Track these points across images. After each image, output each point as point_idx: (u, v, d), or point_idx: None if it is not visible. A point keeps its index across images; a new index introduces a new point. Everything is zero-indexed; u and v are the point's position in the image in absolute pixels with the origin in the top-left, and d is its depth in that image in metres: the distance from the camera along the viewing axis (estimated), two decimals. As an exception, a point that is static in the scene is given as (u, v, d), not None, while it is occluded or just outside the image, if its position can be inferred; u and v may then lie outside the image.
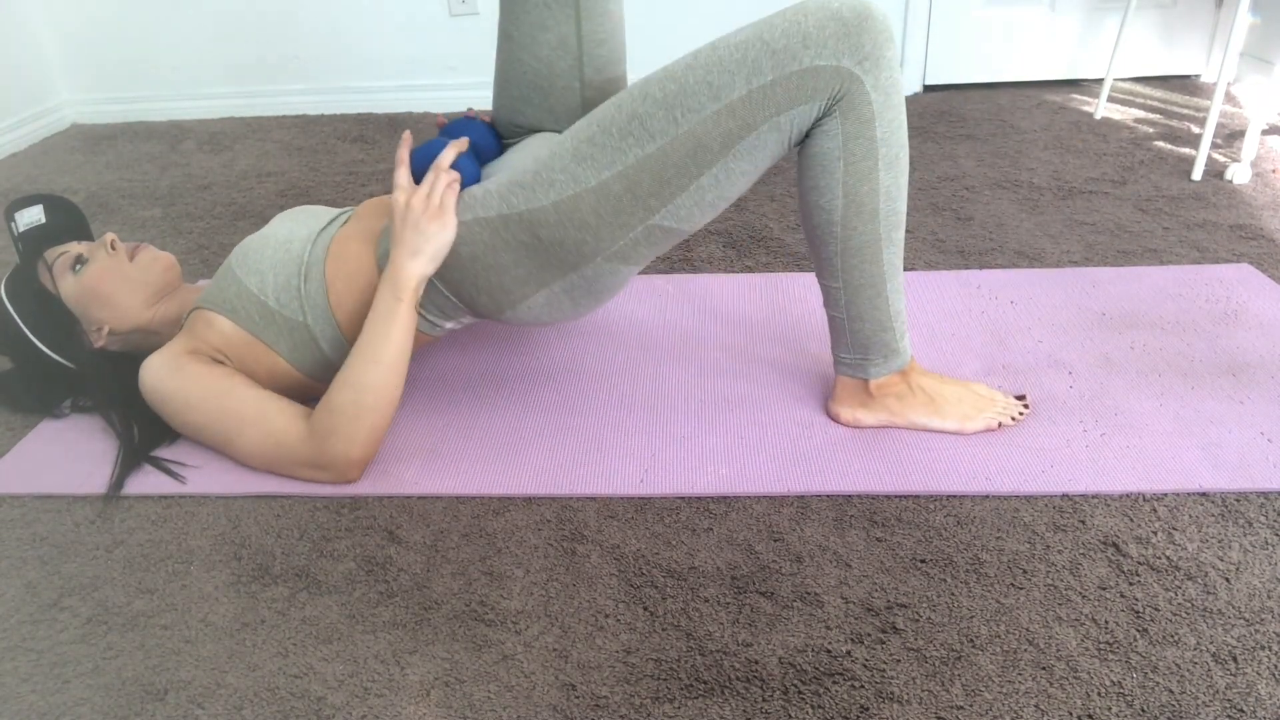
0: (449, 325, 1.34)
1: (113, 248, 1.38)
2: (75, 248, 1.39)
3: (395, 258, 1.21)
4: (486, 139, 1.34)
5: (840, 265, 1.22)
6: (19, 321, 1.36)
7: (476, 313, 1.31)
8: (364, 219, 1.35)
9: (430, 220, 1.19)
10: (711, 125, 1.12)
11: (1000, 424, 1.30)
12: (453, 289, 1.27)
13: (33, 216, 1.41)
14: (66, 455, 1.38)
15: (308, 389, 1.36)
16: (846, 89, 1.12)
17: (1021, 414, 1.31)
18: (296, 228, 1.36)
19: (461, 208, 1.22)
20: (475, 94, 2.99)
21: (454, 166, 1.24)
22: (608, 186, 1.16)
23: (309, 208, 1.44)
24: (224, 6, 2.94)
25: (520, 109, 1.37)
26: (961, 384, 1.32)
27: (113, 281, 1.37)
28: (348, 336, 1.31)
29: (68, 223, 1.46)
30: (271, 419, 1.25)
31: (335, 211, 1.41)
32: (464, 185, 1.24)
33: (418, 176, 1.24)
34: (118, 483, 1.29)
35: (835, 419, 1.34)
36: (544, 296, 1.25)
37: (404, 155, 1.24)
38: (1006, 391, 1.38)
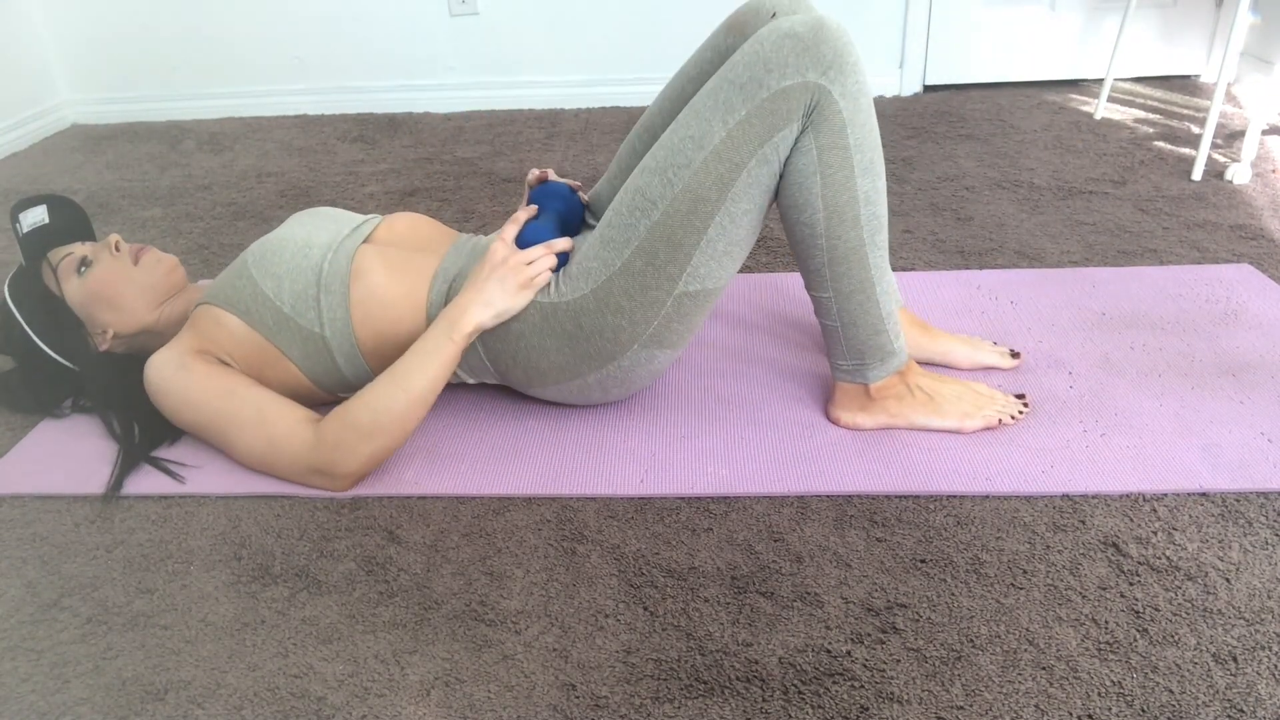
0: (470, 381, 1.36)
1: (116, 249, 1.38)
2: (79, 249, 1.39)
3: (465, 300, 1.23)
4: (576, 212, 1.37)
5: (829, 275, 1.23)
6: (22, 323, 1.36)
7: (505, 380, 1.34)
8: (398, 245, 1.35)
9: (517, 286, 1.23)
10: (703, 175, 1.15)
11: (1000, 421, 1.30)
12: (491, 356, 1.30)
13: (37, 217, 1.41)
14: (66, 455, 1.38)
15: (316, 396, 1.36)
16: (817, 101, 1.13)
17: (1021, 412, 1.31)
18: (315, 232, 1.34)
19: None
20: (475, 94, 2.99)
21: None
22: (630, 264, 1.19)
23: (327, 210, 1.42)
24: (224, 7, 2.94)
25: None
26: (960, 383, 1.32)
27: (117, 284, 1.37)
28: (368, 358, 1.31)
29: (71, 223, 1.45)
30: (274, 422, 1.24)
31: (356, 219, 1.39)
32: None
33: (520, 244, 1.28)
34: (117, 483, 1.29)
35: (835, 424, 1.34)
36: (576, 385, 1.30)
37: (521, 217, 1.28)
38: (1006, 391, 1.38)
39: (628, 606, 1.06)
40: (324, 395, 1.36)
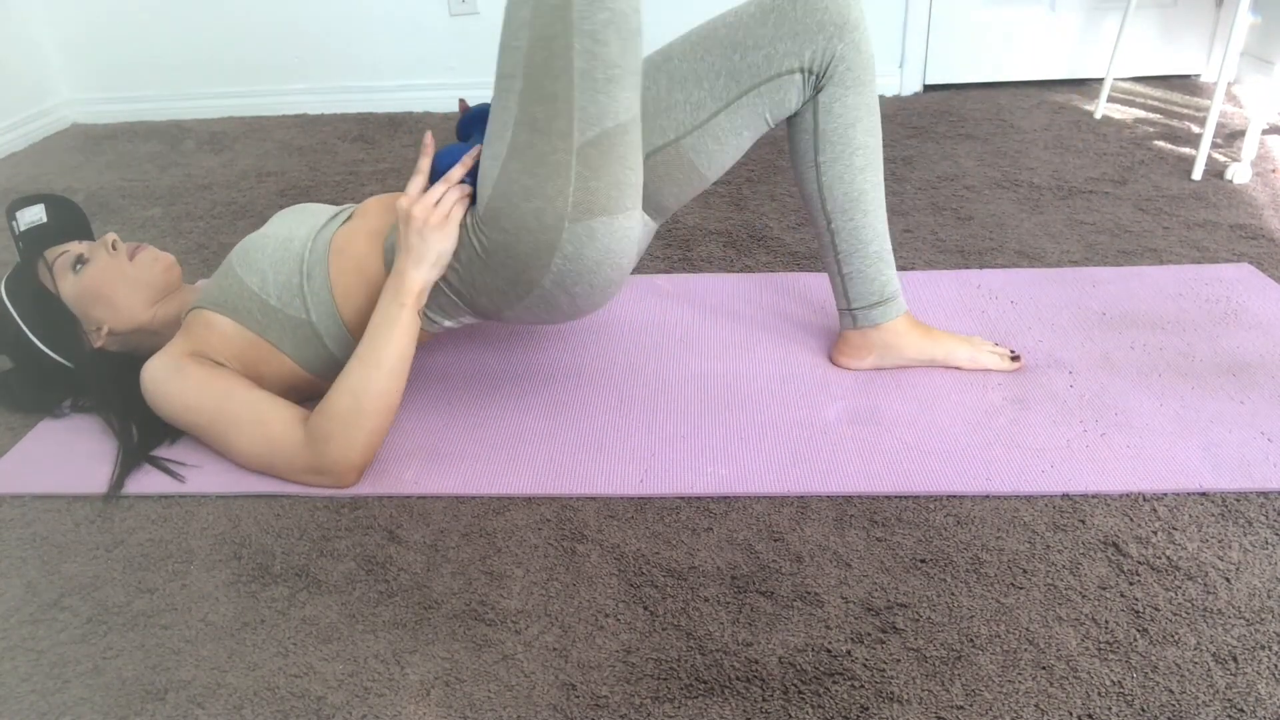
0: (448, 324, 1.35)
1: (113, 248, 1.38)
2: (75, 248, 1.39)
3: (399, 264, 1.22)
4: None
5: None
6: (19, 321, 1.36)
7: (478, 312, 1.31)
8: (368, 217, 1.35)
9: (434, 229, 1.20)
10: (538, 18, 1.10)
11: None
12: (454, 290, 1.28)
13: (34, 216, 1.41)
14: (66, 455, 1.38)
15: (314, 386, 1.36)
16: None
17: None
18: (296, 226, 1.36)
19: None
20: (475, 94, 2.99)
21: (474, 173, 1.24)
22: (515, 143, 1.15)
23: (308, 205, 1.44)
24: (224, 6, 2.94)
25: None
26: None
27: (112, 281, 1.37)
28: (355, 335, 1.31)
29: (69, 222, 1.46)
30: (269, 423, 1.24)
31: (334, 209, 1.41)
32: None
33: (439, 170, 1.25)
34: (118, 483, 1.29)
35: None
36: (539, 296, 1.25)
37: (424, 165, 1.24)
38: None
39: (628, 606, 1.06)
40: (322, 384, 1.36)
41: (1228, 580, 1.05)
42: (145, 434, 1.36)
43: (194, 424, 1.28)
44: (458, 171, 1.23)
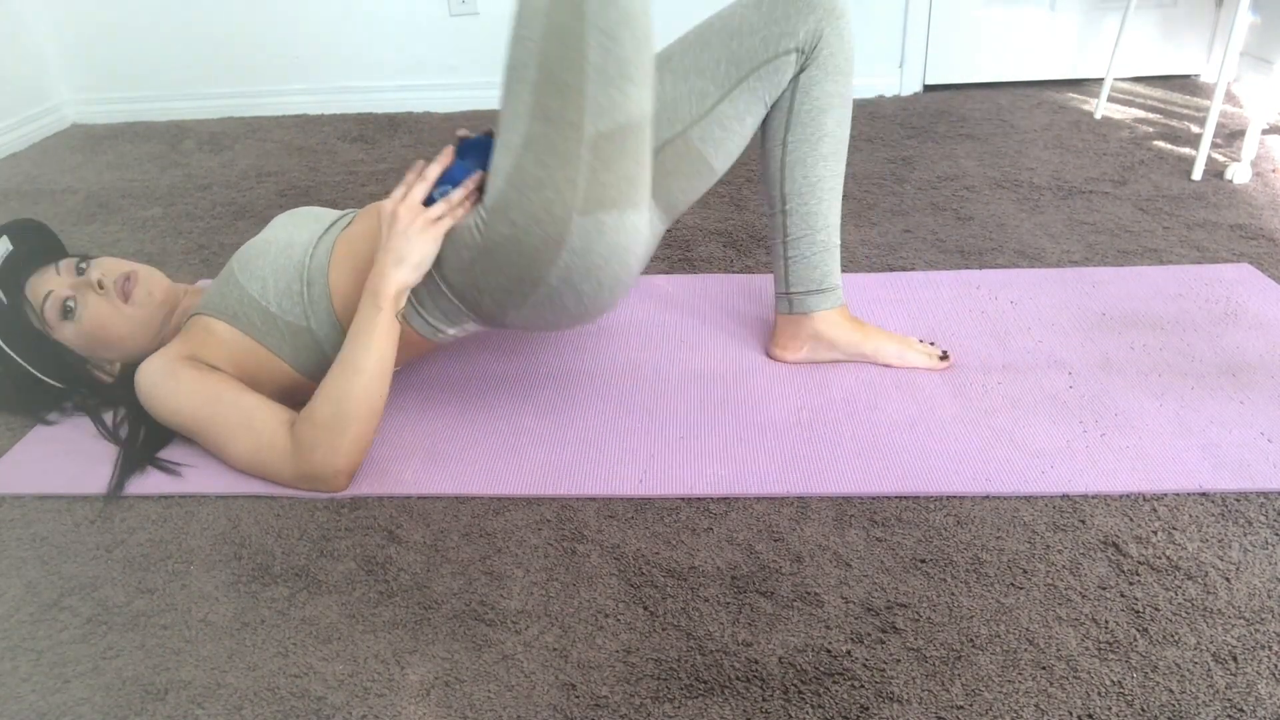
0: (452, 331, 1.33)
1: (100, 287, 1.34)
2: (58, 289, 1.34)
3: (379, 264, 1.21)
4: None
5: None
6: (23, 364, 1.34)
7: (480, 317, 1.30)
8: (369, 221, 1.34)
9: (418, 231, 1.19)
10: (553, 10, 1.10)
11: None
12: (457, 293, 1.26)
13: (1, 249, 1.37)
14: (66, 455, 1.38)
15: (312, 392, 1.36)
16: None
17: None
18: (297, 232, 1.35)
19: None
20: (475, 94, 2.99)
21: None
22: (530, 134, 1.14)
23: (309, 209, 1.43)
24: (224, 6, 2.94)
25: None
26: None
27: (115, 326, 1.35)
28: None
29: (37, 243, 1.42)
30: (259, 430, 1.24)
31: (335, 214, 1.40)
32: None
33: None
34: (120, 483, 1.29)
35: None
36: (544, 294, 1.23)
37: (411, 179, 1.24)
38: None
39: (628, 606, 1.06)
40: None
41: (1228, 580, 1.05)
42: (150, 436, 1.36)
43: (185, 426, 1.28)
44: (458, 194, 1.21)
